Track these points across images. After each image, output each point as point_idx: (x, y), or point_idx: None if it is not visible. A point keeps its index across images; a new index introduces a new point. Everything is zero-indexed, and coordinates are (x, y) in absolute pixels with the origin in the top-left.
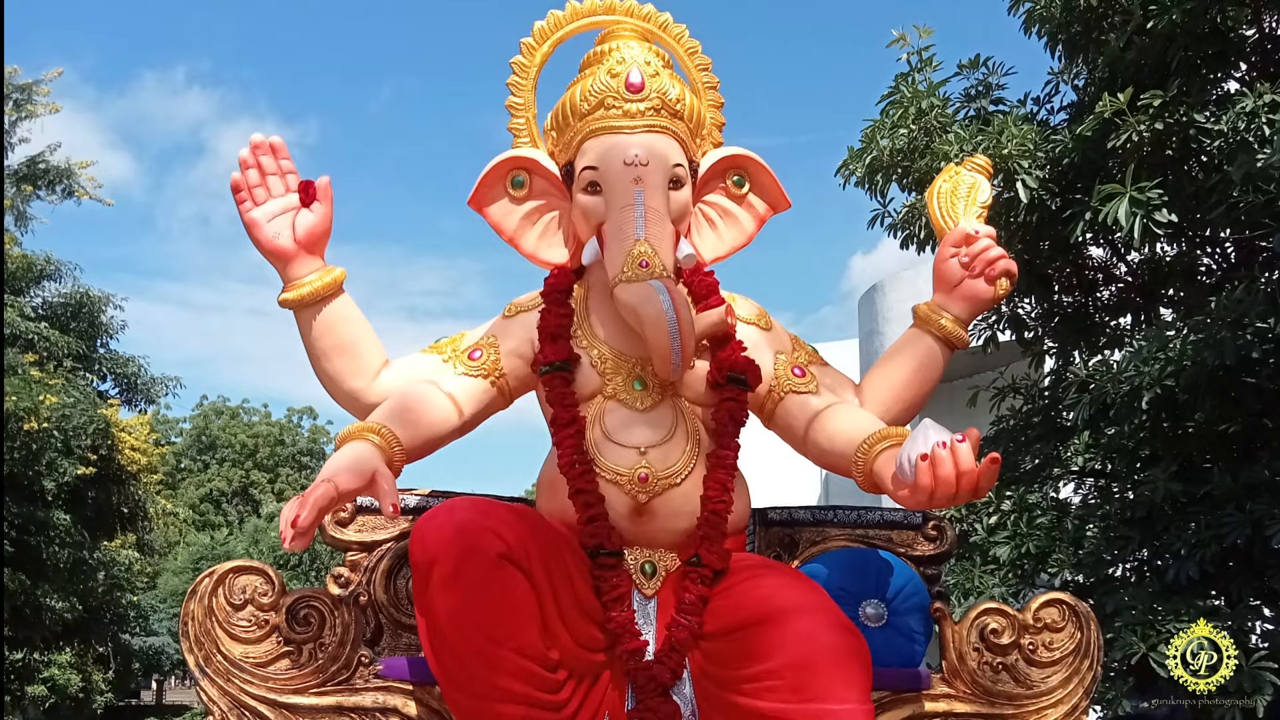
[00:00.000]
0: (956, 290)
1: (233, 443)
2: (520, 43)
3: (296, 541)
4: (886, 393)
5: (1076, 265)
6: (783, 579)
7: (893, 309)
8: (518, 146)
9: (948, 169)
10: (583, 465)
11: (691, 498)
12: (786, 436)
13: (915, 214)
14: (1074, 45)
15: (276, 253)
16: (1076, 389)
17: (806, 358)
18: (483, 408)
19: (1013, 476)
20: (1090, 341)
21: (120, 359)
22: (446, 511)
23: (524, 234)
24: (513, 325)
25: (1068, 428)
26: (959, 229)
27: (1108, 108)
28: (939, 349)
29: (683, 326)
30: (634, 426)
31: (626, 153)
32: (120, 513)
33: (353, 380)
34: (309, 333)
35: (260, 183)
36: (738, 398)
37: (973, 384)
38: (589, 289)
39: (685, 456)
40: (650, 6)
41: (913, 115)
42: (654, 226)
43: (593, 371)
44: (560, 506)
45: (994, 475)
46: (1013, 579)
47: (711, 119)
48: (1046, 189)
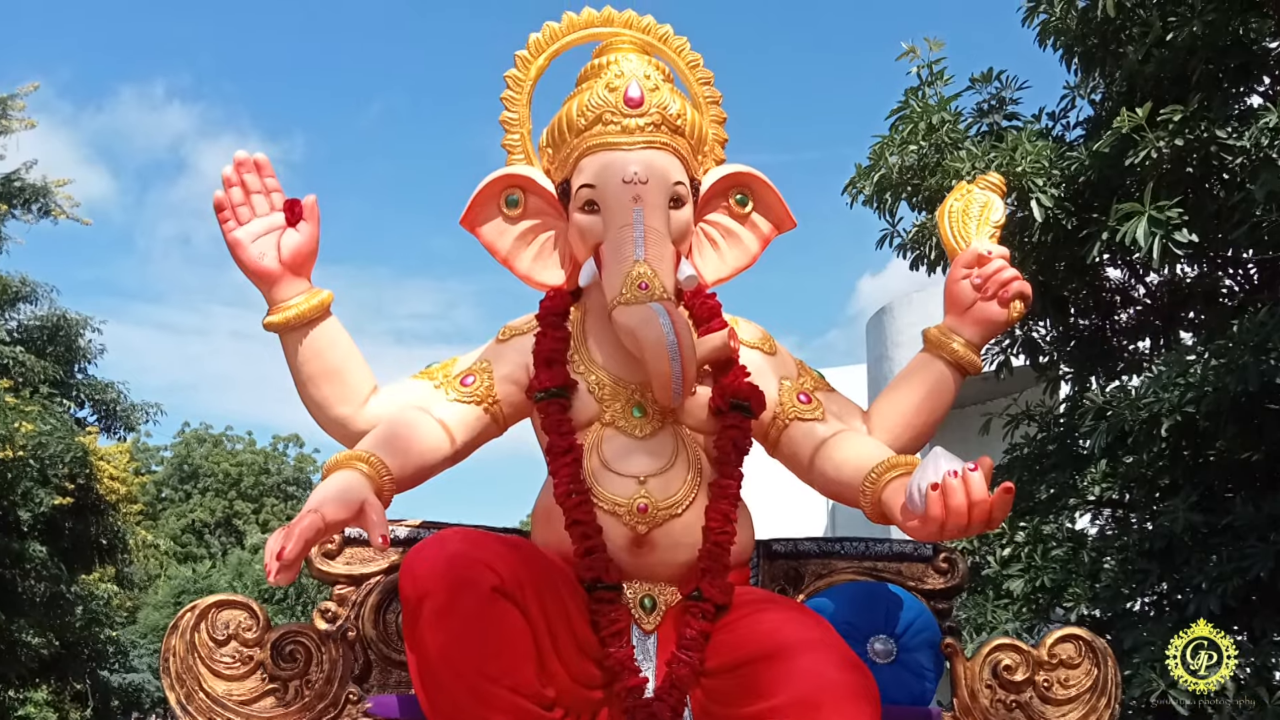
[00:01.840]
0: (968, 313)
1: (215, 472)
2: (515, 56)
3: (282, 575)
4: (896, 420)
5: (1093, 287)
6: (787, 613)
7: (902, 333)
8: (512, 164)
9: (959, 187)
10: (580, 495)
11: (693, 529)
12: (791, 465)
13: (925, 234)
14: (1091, 58)
15: (261, 274)
16: (1093, 416)
17: (812, 383)
18: (475, 435)
19: (1027, 507)
20: (1107, 366)
21: (99, 384)
22: (438, 543)
23: (518, 255)
24: (507, 350)
25: (1084, 456)
26: (971, 249)
27: (1126, 123)
28: (950, 374)
29: (684, 351)
30: (633, 455)
31: (625, 170)
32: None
33: (340, 407)
34: (295, 357)
35: (244, 201)
36: (741, 425)
37: (985, 410)
38: (586, 312)
39: (686, 486)
40: (650, 18)
41: (923, 131)
42: (654, 247)
43: (590, 398)
44: (556, 538)
45: (1007, 505)
46: (1027, 613)
47: (714, 135)
48: (1062, 208)
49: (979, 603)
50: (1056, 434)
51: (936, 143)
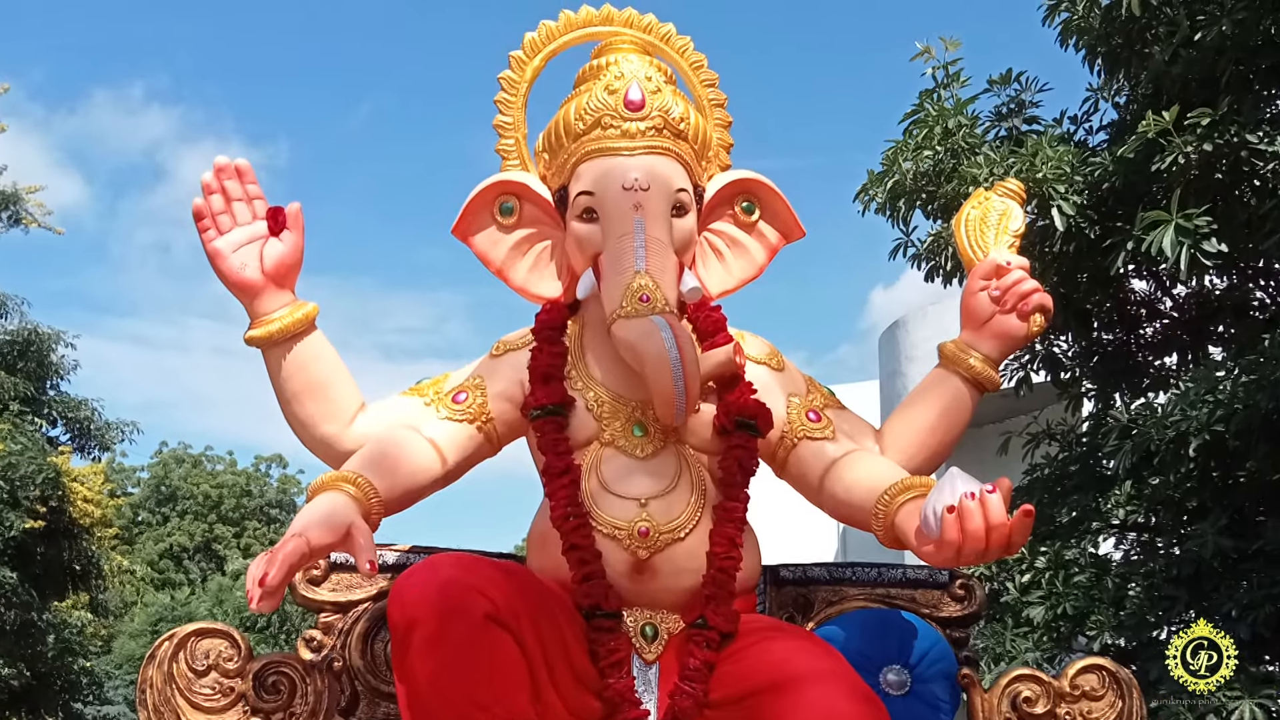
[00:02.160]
0: (986, 327)
1: (195, 494)
2: (509, 56)
3: (265, 602)
4: (910, 439)
5: (1117, 299)
6: (796, 642)
7: (916, 347)
8: (506, 169)
9: (977, 194)
10: (577, 518)
11: (696, 554)
12: (800, 487)
13: (941, 243)
14: (1115, 59)
15: (242, 285)
16: (1117, 435)
17: (822, 401)
18: (468, 455)
19: (1048, 530)
20: (1132, 383)
21: (72, 402)
22: (428, 569)
23: (513, 265)
24: (501, 365)
25: (1108, 477)
26: (989, 260)
27: (1151, 127)
28: (967, 391)
29: (687, 366)
30: (633, 476)
31: (625, 176)
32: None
33: (326, 425)
34: (278, 373)
35: (225, 209)
36: (747, 445)
37: (1004, 429)
38: (584, 325)
39: (690, 509)
40: (651, 17)
41: (938, 135)
42: (655, 257)
43: (588, 416)
44: (553, 563)
45: (1027, 529)
46: (1048, 642)
47: (718, 139)
48: (1085, 216)
49: (997, 631)
50: (1079, 454)
51: (953, 148)
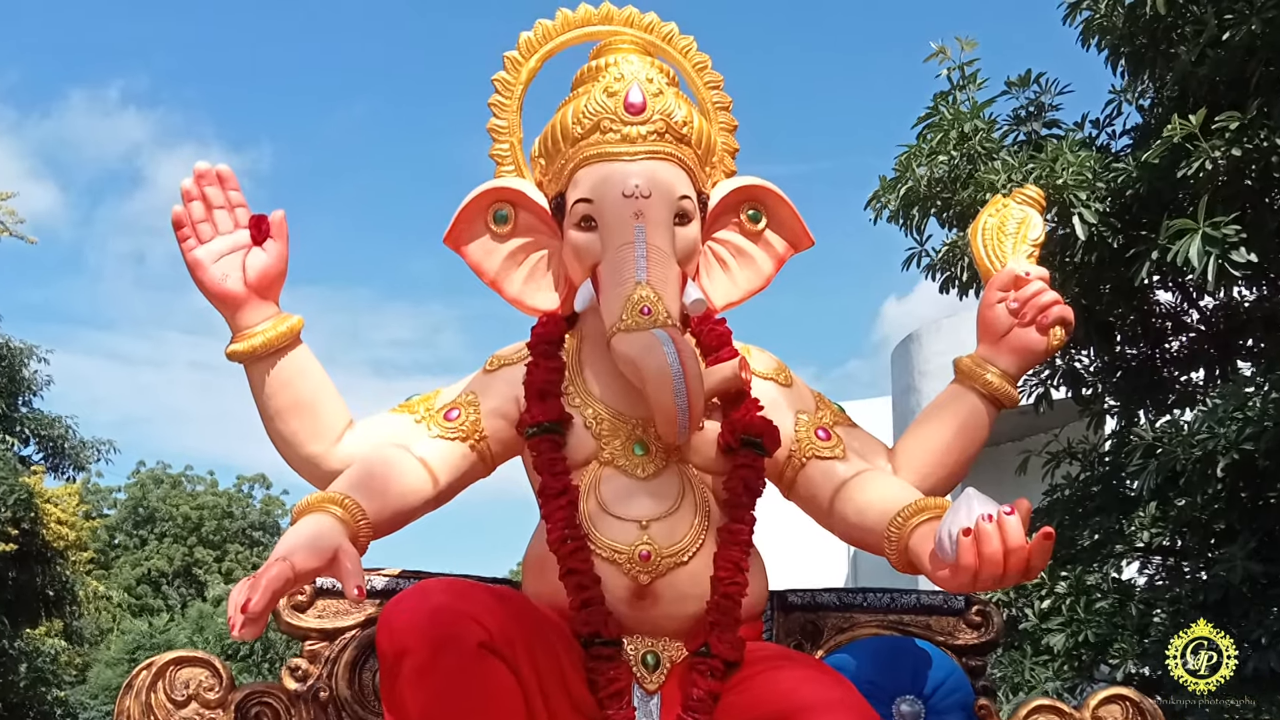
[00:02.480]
0: (1004, 341)
1: (174, 515)
2: (504, 57)
3: (247, 629)
4: (924, 458)
5: (1142, 312)
6: (805, 671)
7: (930, 362)
8: (501, 176)
9: (994, 201)
10: (575, 541)
11: (700, 579)
12: (809, 508)
13: (957, 253)
14: (1139, 59)
15: (224, 297)
16: (1142, 454)
17: (832, 418)
18: (461, 475)
19: (1069, 554)
20: (1157, 399)
21: (45, 419)
22: (419, 595)
23: (508, 276)
24: (495, 381)
25: (1132, 498)
26: (1007, 270)
27: (1177, 131)
28: (984, 408)
29: (690, 382)
30: (634, 497)
31: (626, 183)
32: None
33: (311, 444)
34: (261, 389)
35: (205, 217)
36: (753, 464)
37: (1023, 448)
38: (582, 339)
39: (693, 531)
40: (653, 16)
41: (954, 140)
42: (657, 268)
43: (587, 434)
44: (550, 589)
45: (1047, 553)
46: (1069, 671)
47: (723, 144)
48: (1107, 224)
49: (1016, 660)
50: (1101, 474)
51: (969, 153)
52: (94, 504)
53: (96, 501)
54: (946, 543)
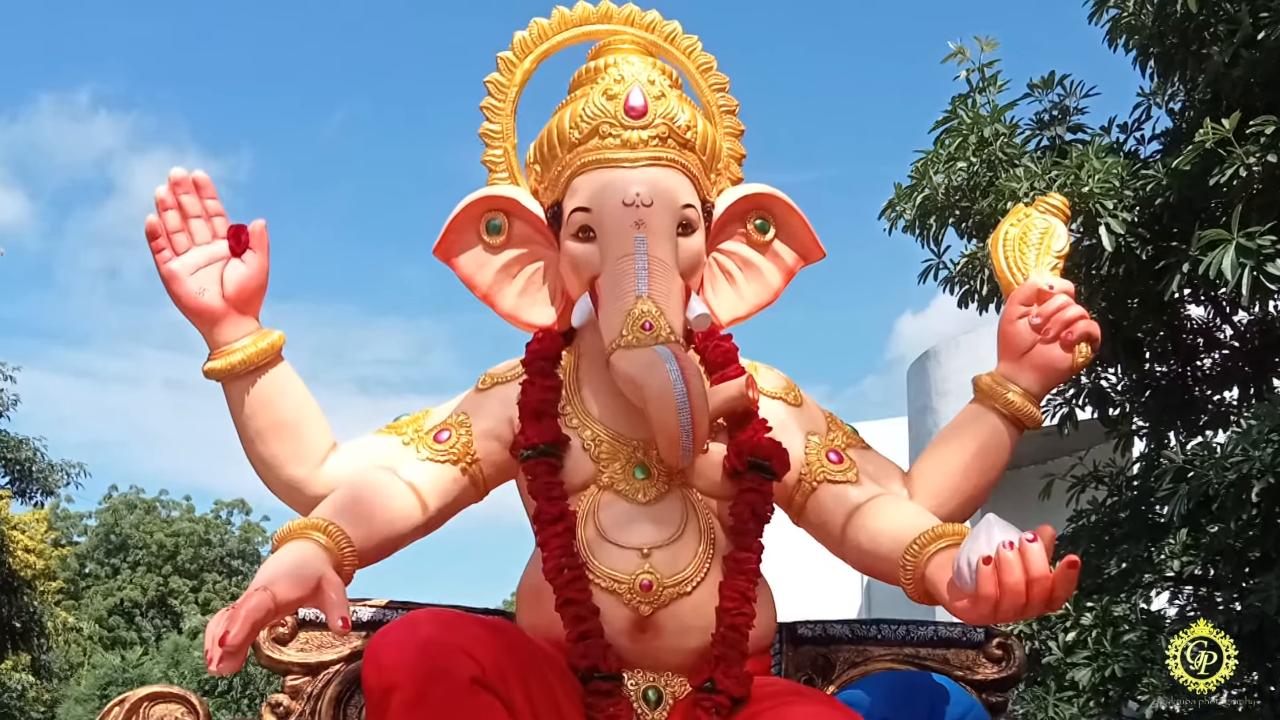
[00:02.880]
0: (1026, 358)
1: (148, 543)
2: (497, 58)
3: (225, 662)
4: (941, 482)
5: (1172, 327)
6: (815, 708)
7: (948, 380)
8: (494, 183)
9: (1016, 210)
10: (573, 570)
11: (704, 610)
12: (820, 535)
13: (976, 265)
14: (1169, 60)
15: (201, 312)
16: (1172, 478)
17: (844, 440)
18: (451, 500)
19: (1095, 584)
20: (1189, 420)
21: (11, 441)
22: (407, 627)
23: (501, 290)
24: (488, 400)
25: (1161, 525)
26: (1029, 283)
27: (1210, 136)
28: (1005, 429)
29: (694, 402)
30: (635, 523)
31: (626, 191)
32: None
33: (293, 467)
34: (241, 409)
35: (181, 227)
36: (760, 488)
37: (1046, 471)
38: (580, 356)
39: (697, 560)
40: (655, 14)
41: (973, 145)
42: (659, 281)
43: (585, 456)
44: (545, 620)
45: (1072, 582)
46: (1095, 708)
47: (729, 150)
48: (1136, 235)
49: (1039, 696)
50: (1129, 499)
51: (989, 159)
52: (63, 531)
53: (66, 528)
54: (965, 571)
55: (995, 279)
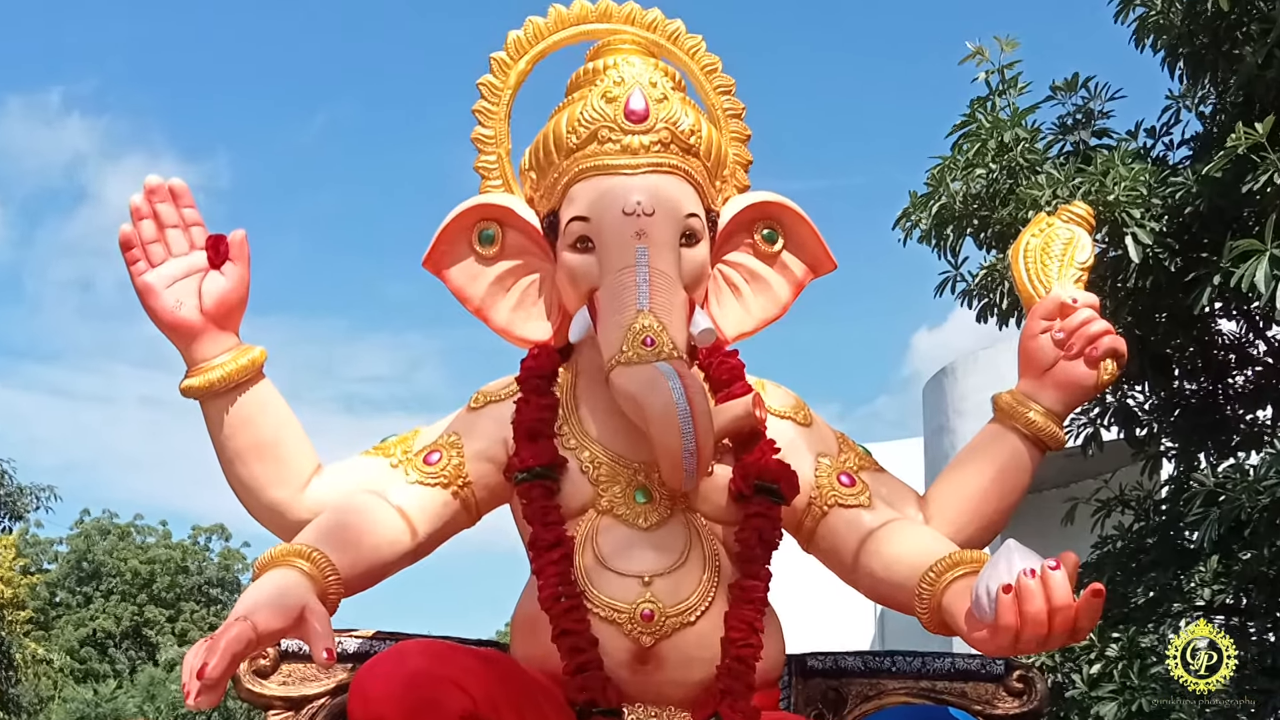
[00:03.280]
0: (1048, 375)
1: (122, 570)
2: (490, 58)
3: (204, 696)
4: (959, 506)
5: (1202, 343)
6: None
7: (966, 399)
8: (487, 191)
9: (1038, 219)
10: (570, 599)
11: (709, 641)
12: (831, 562)
13: (996, 277)
14: (1199, 62)
15: (178, 327)
16: (1202, 502)
17: (857, 462)
18: (442, 525)
19: (1121, 613)
20: (1220, 440)
21: None
22: (395, 659)
23: (495, 303)
24: (480, 420)
25: (1191, 551)
26: (1052, 296)
27: (1242, 141)
28: (1026, 450)
29: (698, 421)
30: (636, 550)
31: (626, 199)
32: None
33: (275, 490)
34: (220, 429)
35: (157, 237)
36: (768, 513)
37: (1070, 495)
38: (578, 373)
39: (701, 588)
40: (657, 12)
41: (993, 151)
42: (661, 294)
43: (583, 479)
44: (541, 652)
45: (1096, 612)
46: None
47: (735, 156)
48: (1164, 245)
49: None
50: (1157, 524)
51: (1009, 165)
52: (33, 557)
53: (36, 554)
54: (985, 600)
55: (1016, 292)
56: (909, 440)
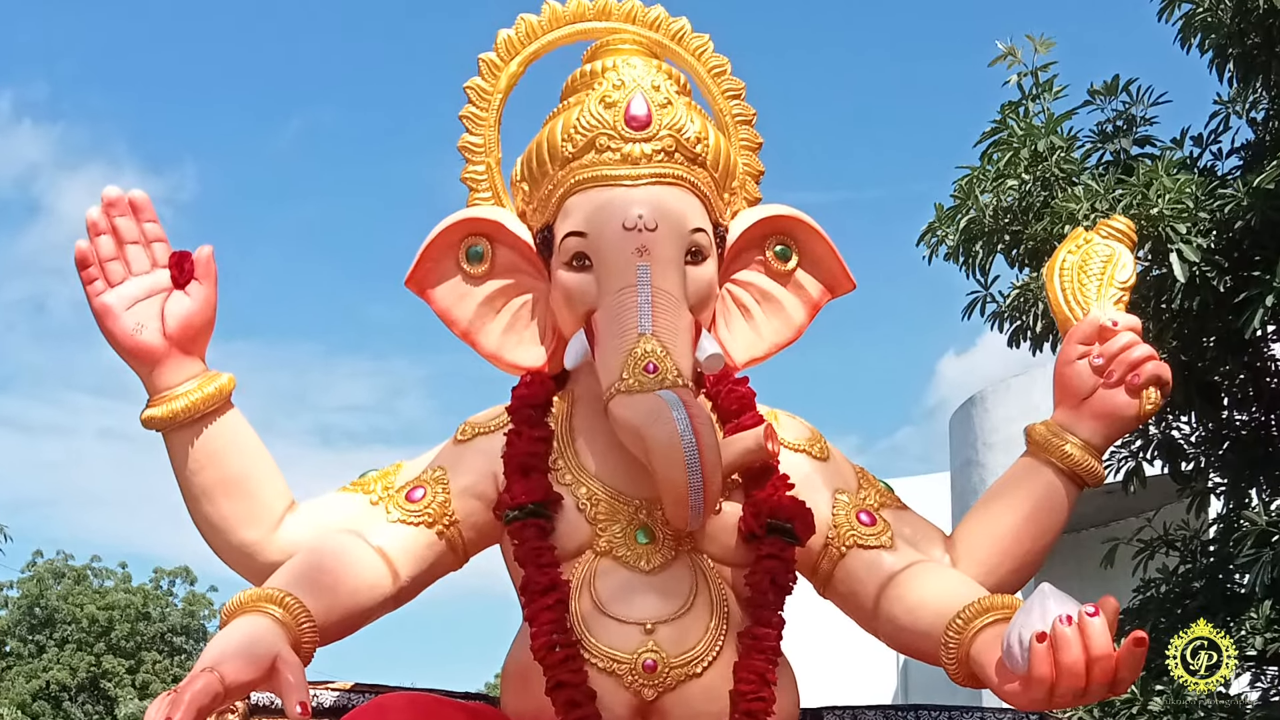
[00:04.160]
0: (1086, 404)
1: (78, 617)
2: (480, 60)
3: None
4: (990, 547)
5: (1254, 369)
6: None
7: (997, 431)
8: (475, 204)
9: (1075, 235)
10: (566, 649)
11: (717, 693)
12: (849, 607)
13: (1029, 298)
14: (1250, 63)
15: (138, 352)
16: (1254, 542)
17: (877, 499)
18: (426, 567)
19: (1165, 664)
20: (1273, 476)
21: None
22: (376, 713)
23: (484, 326)
24: (468, 453)
25: (1241, 596)
26: (1090, 319)
27: None
28: (1062, 486)
29: (705, 455)
30: (637, 595)
31: (627, 213)
32: None
33: (245, 530)
34: (184, 464)
35: (116, 255)
36: (781, 554)
37: (1110, 535)
38: (574, 402)
39: (709, 636)
40: (660, 10)
41: (1026, 160)
42: (664, 316)
43: (580, 517)
44: (534, 705)
45: (1139, 662)
46: None
47: (744, 166)
48: (1212, 263)
49: None
50: (1204, 566)
51: (1044, 176)
52: None
53: None
54: (1017, 650)
55: (1051, 314)
56: (934, 475)
